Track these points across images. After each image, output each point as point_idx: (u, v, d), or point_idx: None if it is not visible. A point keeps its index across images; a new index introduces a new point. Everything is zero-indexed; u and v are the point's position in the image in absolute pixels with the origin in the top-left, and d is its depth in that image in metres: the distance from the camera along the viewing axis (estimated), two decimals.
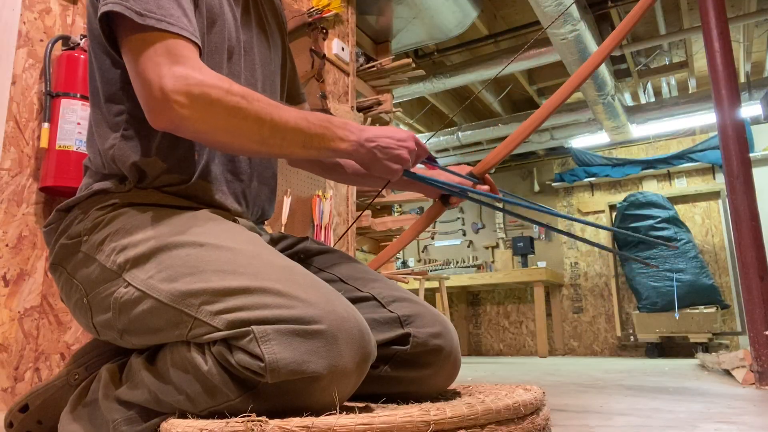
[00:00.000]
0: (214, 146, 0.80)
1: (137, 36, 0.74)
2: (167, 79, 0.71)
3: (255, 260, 0.73)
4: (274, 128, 0.78)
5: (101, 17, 0.77)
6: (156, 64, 0.72)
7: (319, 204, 2.46)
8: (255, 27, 1.00)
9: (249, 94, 0.77)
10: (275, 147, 0.80)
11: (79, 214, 0.85)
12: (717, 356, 2.91)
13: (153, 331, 0.74)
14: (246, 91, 0.77)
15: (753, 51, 4.77)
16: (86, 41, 1.55)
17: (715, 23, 2.33)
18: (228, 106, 0.74)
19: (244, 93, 0.76)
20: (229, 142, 0.77)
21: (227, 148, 0.79)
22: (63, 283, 0.87)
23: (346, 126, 0.87)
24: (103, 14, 0.76)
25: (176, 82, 0.71)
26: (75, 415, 0.85)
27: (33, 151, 1.50)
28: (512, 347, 6.18)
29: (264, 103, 0.78)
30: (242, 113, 0.75)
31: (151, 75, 0.72)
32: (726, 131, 2.25)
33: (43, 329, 1.48)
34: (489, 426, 0.62)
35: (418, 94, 4.75)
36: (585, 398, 1.75)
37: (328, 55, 2.66)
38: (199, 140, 0.78)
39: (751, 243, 2.13)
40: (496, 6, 4.24)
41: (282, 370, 0.62)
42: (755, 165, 3.39)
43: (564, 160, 6.33)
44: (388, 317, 0.87)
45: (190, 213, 0.83)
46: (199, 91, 0.72)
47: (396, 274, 2.91)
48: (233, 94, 0.75)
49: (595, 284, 5.86)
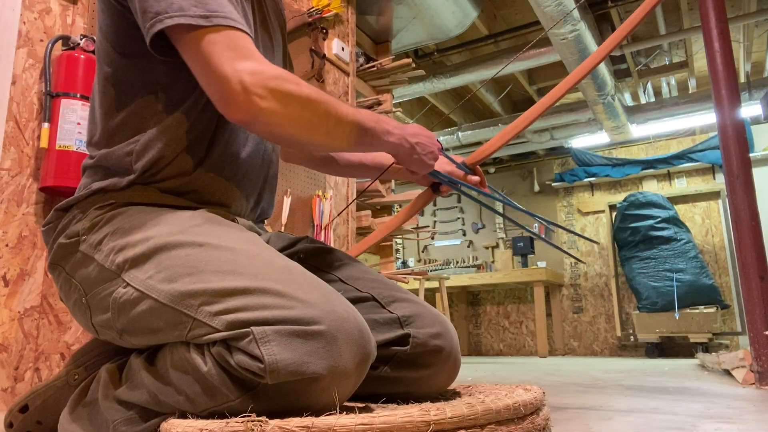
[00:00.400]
0: (285, 137, 0.81)
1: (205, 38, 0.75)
2: (244, 74, 0.74)
3: (254, 260, 0.73)
4: (338, 121, 0.82)
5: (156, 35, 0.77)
6: (230, 60, 0.74)
7: (319, 204, 2.46)
8: (259, 26, 1.00)
9: (315, 88, 0.81)
10: (338, 139, 0.84)
11: (78, 213, 0.85)
12: (717, 356, 2.91)
13: (152, 331, 0.74)
14: (312, 86, 0.81)
15: (753, 51, 4.77)
16: (86, 41, 1.55)
17: (715, 23, 2.33)
18: (301, 98, 0.78)
19: (311, 87, 0.80)
20: (299, 133, 0.79)
21: (296, 139, 0.81)
22: (62, 282, 0.87)
23: (390, 122, 0.92)
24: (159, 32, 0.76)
25: (253, 77, 0.74)
26: (75, 415, 0.85)
27: (33, 151, 1.50)
28: (512, 347, 6.18)
29: (328, 97, 0.82)
30: (313, 105, 0.79)
31: (228, 71, 0.74)
32: (726, 131, 2.25)
33: (43, 329, 1.48)
34: (489, 426, 0.62)
35: (418, 94, 4.75)
36: (585, 398, 1.75)
37: (328, 55, 2.66)
38: (272, 132, 0.79)
39: (751, 243, 2.13)
40: (496, 6, 4.24)
41: (282, 371, 0.62)
42: (755, 165, 3.40)
43: (564, 160, 6.33)
44: (387, 318, 0.87)
45: (188, 212, 0.83)
46: (275, 84, 0.75)
47: (396, 274, 2.90)
48: (303, 86, 0.79)
49: (595, 284, 5.86)
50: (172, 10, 0.75)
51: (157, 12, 0.75)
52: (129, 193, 0.85)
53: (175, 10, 0.75)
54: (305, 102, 0.78)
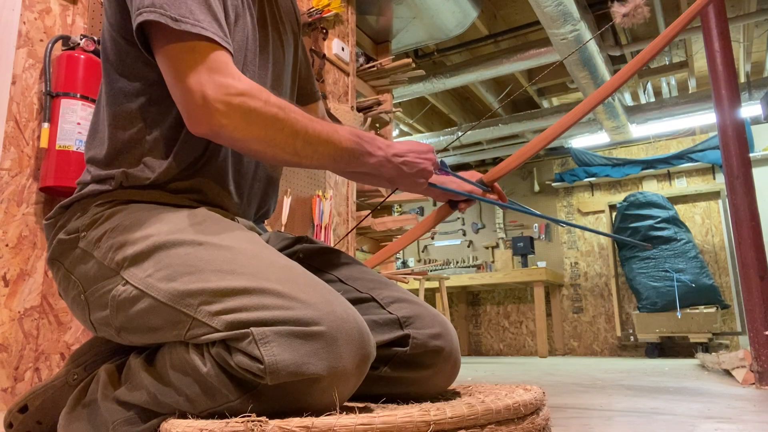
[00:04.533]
0: (249, 154, 0.80)
1: (174, 43, 0.75)
2: (208, 87, 0.73)
3: (254, 260, 0.72)
4: (307, 141, 0.80)
5: (137, 28, 0.77)
6: (195, 71, 0.73)
7: (319, 204, 2.46)
8: (269, 26, 1.00)
9: (286, 105, 0.79)
10: (306, 158, 0.82)
11: (78, 210, 0.85)
12: (717, 356, 2.91)
13: (151, 330, 0.74)
14: (283, 102, 0.79)
15: (753, 51, 4.77)
16: (86, 41, 1.55)
17: (715, 23, 2.33)
18: (266, 116, 0.76)
19: (281, 104, 0.78)
20: (263, 150, 0.78)
21: (261, 156, 0.80)
22: (61, 278, 0.87)
23: (374, 141, 0.89)
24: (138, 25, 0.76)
25: (217, 91, 0.73)
26: (74, 415, 0.85)
27: (33, 151, 1.50)
28: (512, 347, 6.18)
29: (299, 115, 0.80)
30: (279, 124, 0.77)
31: (192, 82, 0.73)
32: (726, 131, 2.25)
33: (43, 329, 1.48)
34: (489, 426, 0.62)
35: (418, 94, 4.75)
36: (585, 398, 1.75)
37: (328, 55, 2.66)
38: (235, 147, 0.79)
39: (751, 243, 2.13)
40: (496, 6, 4.24)
41: (282, 371, 0.62)
42: (755, 165, 3.39)
43: (564, 160, 6.33)
44: (387, 319, 0.87)
45: (188, 211, 0.82)
46: (239, 101, 0.74)
47: (396, 274, 2.90)
48: (271, 104, 0.77)
49: (595, 284, 5.86)
50: (154, 6, 0.74)
51: (139, 6, 0.75)
52: (129, 191, 0.85)
53: (157, 6, 0.74)
54: (270, 121, 0.76)
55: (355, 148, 0.85)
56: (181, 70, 0.74)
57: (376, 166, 0.89)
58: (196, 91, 0.73)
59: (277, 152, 0.79)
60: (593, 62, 3.99)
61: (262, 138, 0.76)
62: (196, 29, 0.74)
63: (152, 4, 0.74)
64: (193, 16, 0.75)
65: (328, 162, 0.84)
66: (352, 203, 2.74)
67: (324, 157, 0.83)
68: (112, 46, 0.87)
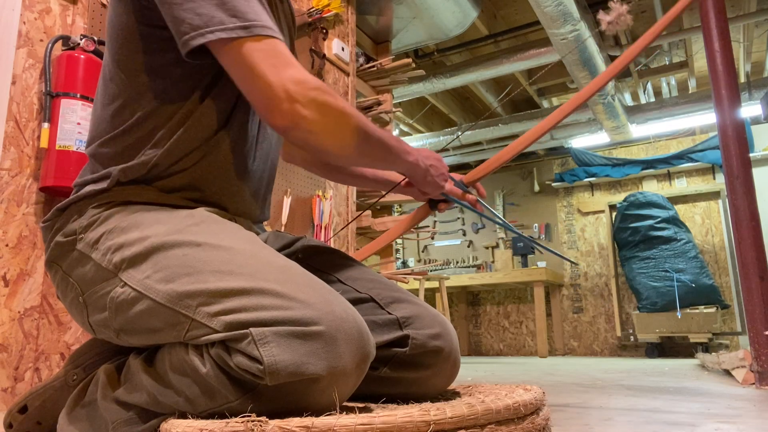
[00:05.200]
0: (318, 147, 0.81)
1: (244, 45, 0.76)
2: (289, 81, 0.76)
3: (253, 260, 0.72)
4: (366, 137, 0.84)
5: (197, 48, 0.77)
6: (273, 66, 0.76)
7: (319, 204, 2.46)
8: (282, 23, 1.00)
9: (347, 103, 0.83)
10: (364, 155, 0.86)
11: (75, 212, 0.85)
12: (717, 356, 2.91)
13: (150, 331, 0.74)
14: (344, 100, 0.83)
15: (753, 51, 4.77)
16: (86, 41, 1.55)
17: (715, 23, 2.33)
18: (336, 110, 0.80)
19: (344, 101, 0.83)
20: (331, 144, 0.81)
21: (329, 149, 0.82)
22: (58, 281, 0.87)
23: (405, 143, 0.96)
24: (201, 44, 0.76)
25: (297, 85, 0.76)
26: (73, 416, 0.85)
27: (33, 151, 1.50)
28: (512, 347, 6.18)
29: (358, 113, 0.84)
30: (346, 119, 0.81)
31: (272, 78, 0.75)
32: (726, 131, 2.25)
33: (43, 329, 1.48)
34: (489, 426, 0.62)
35: (418, 94, 4.75)
36: (585, 398, 1.75)
37: (328, 55, 2.66)
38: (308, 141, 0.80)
39: (751, 243, 2.13)
40: (496, 6, 4.24)
41: (281, 372, 0.62)
42: (755, 165, 3.39)
43: (564, 160, 6.33)
44: (386, 319, 0.87)
45: (186, 211, 0.82)
46: (316, 94, 0.77)
47: (396, 274, 2.90)
48: (339, 99, 0.81)
49: (595, 284, 5.86)
50: (213, 24, 0.75)
51: (197, 26, 0.76)
52: (127, 192, 0.84)
53: (216, 24, 0.75)
54: (340, 115, 0.80)
55: (398, 146, 0.91)
56: (261, 70, 0.76)
57: (413, 165, 0.95)
58: (278, 87, 0.75)
59: (344, 146, 0.82)
60: (593, 62, 3.99)
61: (334, 131, 0.80)
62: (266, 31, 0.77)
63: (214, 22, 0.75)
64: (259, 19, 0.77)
65: (380, 158, 0.89)
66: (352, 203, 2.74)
67: (377, 153, 0.88)
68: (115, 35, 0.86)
